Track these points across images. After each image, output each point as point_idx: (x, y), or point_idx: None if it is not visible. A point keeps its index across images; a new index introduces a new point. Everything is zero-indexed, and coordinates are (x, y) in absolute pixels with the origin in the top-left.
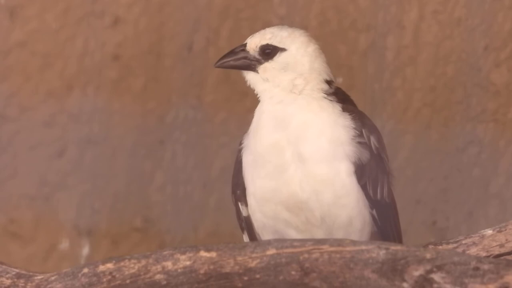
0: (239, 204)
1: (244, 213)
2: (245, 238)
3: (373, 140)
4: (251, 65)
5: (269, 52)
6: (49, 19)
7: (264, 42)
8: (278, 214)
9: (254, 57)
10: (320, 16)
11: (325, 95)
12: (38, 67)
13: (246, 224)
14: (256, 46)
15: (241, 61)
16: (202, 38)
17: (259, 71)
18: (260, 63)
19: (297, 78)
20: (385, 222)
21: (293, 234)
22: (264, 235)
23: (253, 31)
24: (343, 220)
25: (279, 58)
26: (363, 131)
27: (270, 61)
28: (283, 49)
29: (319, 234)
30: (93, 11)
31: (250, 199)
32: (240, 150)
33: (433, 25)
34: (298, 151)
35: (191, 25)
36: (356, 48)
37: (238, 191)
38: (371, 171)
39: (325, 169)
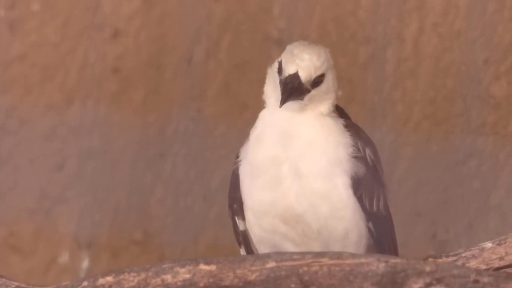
0: (236, 218)
1: (241, 227)
2: (242, 252)
3: (368, 152)
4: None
5: (318, 81)
6: (49, 32)
7: (318, 73)
8: (276, 228)
9: (307, 88)
10: (320, 28)
11: (331, 111)
12: (38, 79)
13: (243, 239)
14: (311, 78)
15: (300, 96)
16: (202, 50)
17: (305, 99)
18: (309, 92)
19: (332, 100)
20: (381, 234)
21: (290, 247)
22: (262, 249)
23: (253, 43)
24: (339, 233)
25: (323, 84)
26: (359, 143)
27: (316, 88)
28: (324, 74)
29: (315, 247)
30: (93, 24)
31: (248, 214)
32: (236, 164)
33: (433, 37)
34: (296, 167)
35: (191, 37)
36: (356, 60)
37: (234, 205)
38: (367, 184)
39: (321, 184)
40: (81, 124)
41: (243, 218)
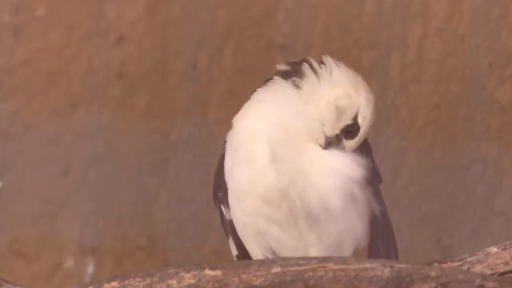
0: (222, 206)
1: (227, 217)
2: (231, 243)
3: None
4: None
5: None
6: (53, 38)
7: None
8: (258, 210)
9: None
10: (324, 34)
11: None
12: (42, 85)
13: (231, 228)
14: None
15: None
16: (206, 56)
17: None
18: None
19: None
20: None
21: (274, 231)
22: (246, 238)
23: (257, 49)
24: (316, 207)
25: None
26: None
27: None
28: None
29: (304, 228)
30: (97, 30)
31: (231, 198)
32: (224, 149)
33: (437, 42)
34: (271, 147)
35: (195, 43)
36: (360, 66)
37: (220, 193)
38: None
39: (297, 160)
40: (85, 129)
41: (229, 207)
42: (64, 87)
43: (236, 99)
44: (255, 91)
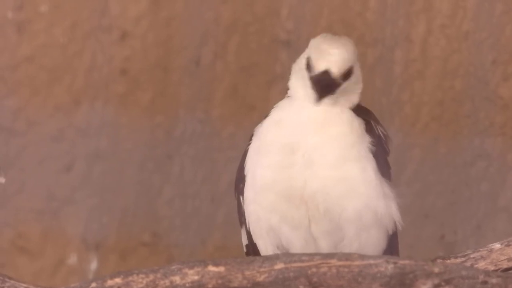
0: (241, 197)
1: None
2: (243, 232)
3: (380, 130)
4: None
5: (348, 73)
6: (57, 34)
7: (347, 66)
8: (276, 206)
9: (338, 82)
10: (327, 30)
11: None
12: (45, 81)
13: (245, 219)
14: (342, 72)
15: (332, 92)
16: (210, 52)
17: (336, 92)
18: (340, 85)
19: (360, 90)
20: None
21: (286, 231)
22: (256, 232)
23: (260, 45)
24: (350, 213)
25: (352, 75)
26: (372, 122)
27: (347, 81)
28: (352, 66)
29: (318, 231)
30: (101, 26)
31: (248, 191)
32: (249, 143)
33: (441, 39)
34: (310, 159)
35: (198, 39)
36: (364, 62)
37: (241, 185)
38: (382, 162)
39: (334, 172)
40: (89, 125)
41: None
42: (68, 83)
43: (240, 95)
44: (258, 87)
